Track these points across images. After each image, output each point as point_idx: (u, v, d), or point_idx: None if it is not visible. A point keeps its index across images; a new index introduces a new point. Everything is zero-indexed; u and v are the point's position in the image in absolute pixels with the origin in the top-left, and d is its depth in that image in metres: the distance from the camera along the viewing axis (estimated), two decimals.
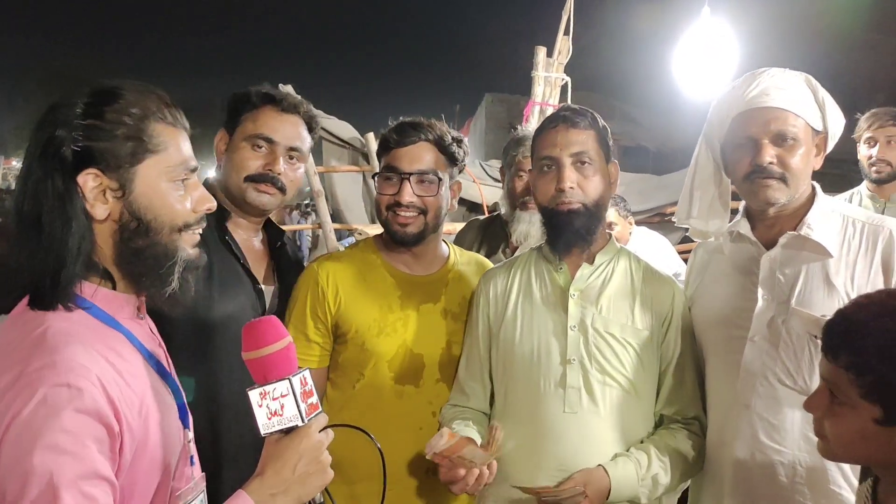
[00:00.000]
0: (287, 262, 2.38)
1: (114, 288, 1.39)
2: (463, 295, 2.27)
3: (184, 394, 1.55)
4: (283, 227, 2.50)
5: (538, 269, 2.12)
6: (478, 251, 3.02)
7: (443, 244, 2.36)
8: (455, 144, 2.21)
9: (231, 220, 2.24)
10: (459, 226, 5.41)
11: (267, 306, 2.20)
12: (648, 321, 2.03)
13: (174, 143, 1.41)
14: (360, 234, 4.94)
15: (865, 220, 1.94)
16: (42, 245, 1.31)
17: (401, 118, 2.24)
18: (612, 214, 4.59)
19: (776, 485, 1.89)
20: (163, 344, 1.58)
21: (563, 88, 5.78)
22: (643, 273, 2.09)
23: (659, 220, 5.83)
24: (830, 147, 2.02)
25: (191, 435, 1.53)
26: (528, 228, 2.86)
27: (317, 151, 5.70)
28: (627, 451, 1.96)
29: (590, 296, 2.03)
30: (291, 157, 2.23)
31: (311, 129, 2.31)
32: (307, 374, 1.44)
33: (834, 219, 1.94)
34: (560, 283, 2.06)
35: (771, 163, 1.89)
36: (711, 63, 4.20)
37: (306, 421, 1.40)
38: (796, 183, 1.92)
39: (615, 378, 1.98)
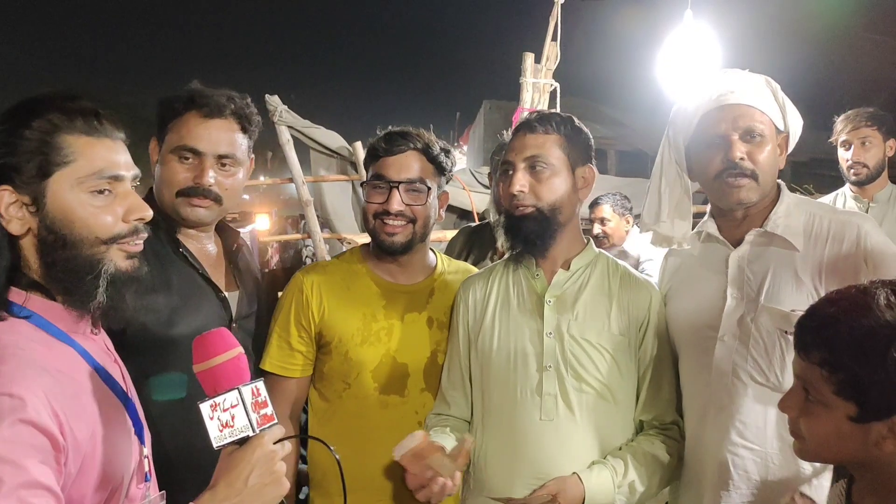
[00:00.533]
0: (246, 265, 2.31)
1: (81, 306, 1.39)
2: (449, 304, 2.26)
3: (140, 411, 1.54)
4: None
5: (515, 276, 2.11)
6: (466, 258, 3.03)
7: (430, 253, 2.35)
8: (443, 154, 2.21)
9: (180, 231, 2.15)
10: (450, 233, 5.44)
11: (234, 313, 2.14)
12: (625, 326, 2.01)
13: (87, 153, 1.37)
14: (350, 243, 4.95)
15: (832, 215, 1.94)
16: None
17: (389, 127, 2.23)
18: (606, 210, 4.57)
19: (751, 484, 1.88)
20: (119, 360, 1.56)
21: (552, 94, 5.79)
22: (620, 278, 2.08)
23: None
24: (791, 147, 2.02)
25: (146, 451, 1.51)
26: None
27: (305, 161, 5.72)
28: (605, 458, 1.95)
29: (566, 302, 2.02)
30: (224, 165, 2.09)
31: (245, 129, 2.15)
32: (260, 384, 1.42)
33: (799, 214, 1.94)
34: (536, 290, 2.05)
35: (742, 159, 1.89)
36: (694, 66, 4.20)
37: (257, 431, 1.37)
38: (766, 180, 1.92)
39: (591, 385, 1.96)
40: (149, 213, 1.44)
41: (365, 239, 4.82)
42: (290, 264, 8.07)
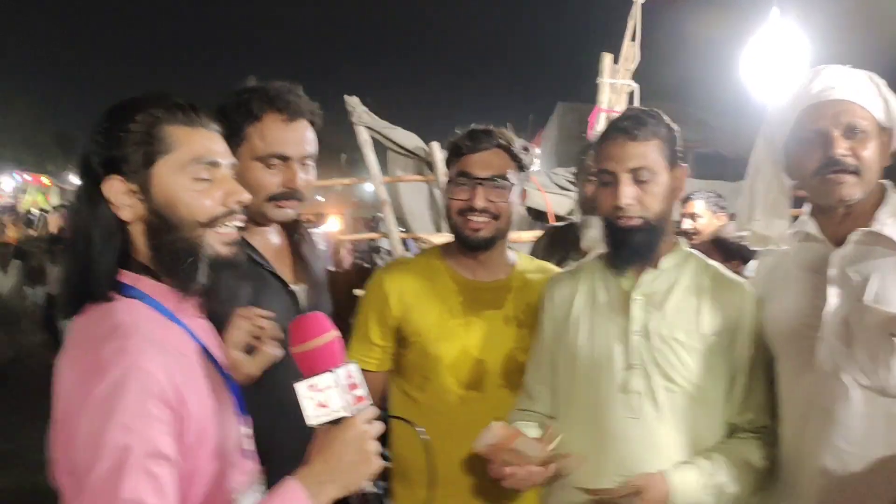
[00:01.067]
0: (310, 256, 2.29)
1: (184, 288, 1.48)
2: (528, 302, 2.25)
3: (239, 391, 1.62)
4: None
5: (602, 274, 2.10)
6: (550, 257, 3.03)
7: (510, 251, 2.35)
8: (523, 151, 2.22)
9: (246, 228, 2.06)
10: (525, 234, 5.44)
11: (303, 306, 2.14)
12: (717, 326, 1.97)
13: (187, 141, 1.47)
14: (426, 242, 5.00)
15: None
16: (81, 247, 1.44)
17: (472, 126, 2.24)
18: (698, 206, 4.46)
19: (855, 492, 1.81)
20: (220, 343, 1.65)
21: (631, 95, 5.73)
22: (712, 278, 2.04)
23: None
24: None
25: (244, 430, 1.59)
26: (598, 234, 2.85)
27: (382, 161, 5.80)
28: (692, 458, 1.92)
29: (654, 300, 1.99)
30: (305, 164, 2.10)
31: (314, 124, 2.13)
32: (353, 367, 1.47)
33: None
34: (624, 288, 2.03)
35: (844, 155, 1.82)
36: (782, 65, 4.09)
37: (351, 412, 1.43)
38: (870, 177, 1.85)
39: (680, 384, 1.93)
40: (246, 197, 1.52)
41: (440, 239, 4.88)
42: (364, 264, 8.23)
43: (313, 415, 1.43)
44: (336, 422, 1.43)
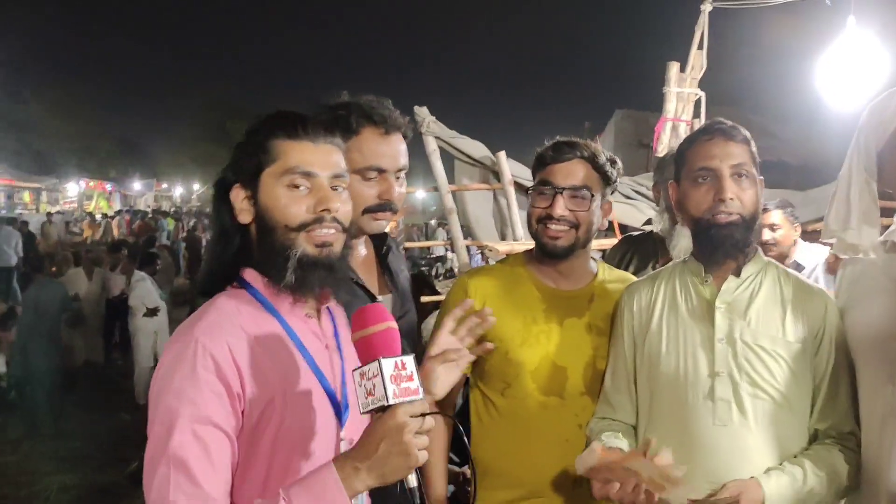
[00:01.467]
0: (396, 267, 2.40)
1: (276, 283, 1.61)
2: (608, 311, 2.28)
3: (349, 398, 1.68)
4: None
5: (683, 281, 2.12)
6: (627, 266, 3.04)
7: (591, 261, 2.38)
8: (609, 164, 2.24)
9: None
10: (606, 242, 5.43)
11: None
12: (800, 334, 1.99)
13: (288, 152, 1.63)
14: (491, 250, 5.04)
15: None
16: (212, 244, 1.71)
17: (557, 137, 2.28)
18: (776, 216, 4.42)
19: None
20: (335, 346, 1.74)
21: (697, 104, 5.69)
22: (793, 286, 2.05)
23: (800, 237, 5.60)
24: None
25: (343, 434, 1.64)
26: (689, 244, 2.85)
27: (449, 170, 5.86)
28: (780, 465, 1.93)
29: (737, 308, 2.01)
30: (399, 177, 2.22)
31: (406, 137, 2.26)
32: (408, 359, 1.47)
33: None
34: (706, 296, 2.05)
35: None
36: (858, 75, 4.02)
37: (391, 401, 1.41)
38: None
39: (766, 391, 1.95)
40: (333, 205, 1.63)
41: (504, 246, 4.91)
42: (419, 270, 8.27)
43: (363, 402, 1.45)
44: (381, 410, 1.43)
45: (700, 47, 5.57)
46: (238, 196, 1.65)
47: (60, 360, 8.28)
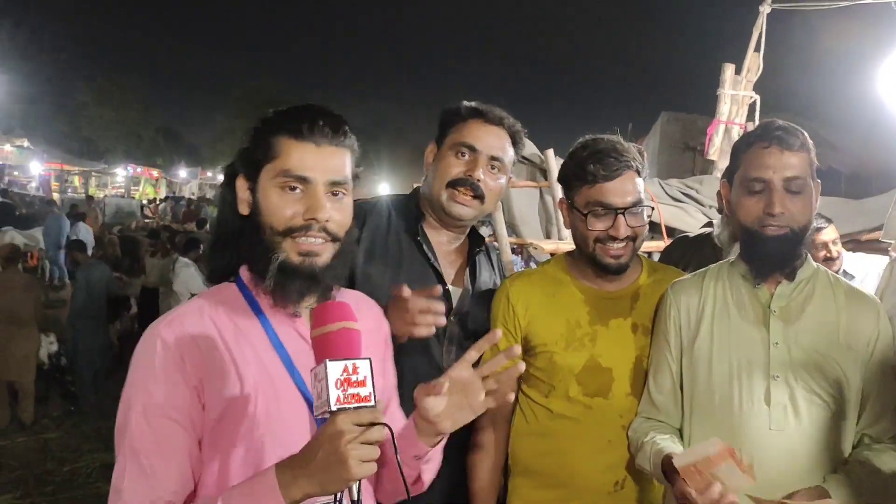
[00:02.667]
0: (484, 268, 2.45)
1: (258, 282, 1.59)
2: (653, 310, 2.26)
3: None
4: None
5: (733, 283, 2.10)
6: (685, 268, 3.00)
7: (636, 258, 2.35)
8: (643, 164, 2.21)
9: (427, 222, 2.38)
10: (650, 245, 5.36)
11: (454, 307, 2.30)
12: (853, 339, 1.97)
13: (288, 152, 1.56)
14: (535, 248, 5.00)
15: None
16: (217, 237, 1.68)
17: (588, 138, 2.23)
18: (832, 232, 4.32)
19: None
20: (309, 343, 1.60)
21: (751, 107, 5.60)
22: (845, 292, 2.03)
23: (853, 247, 5.47)
24: None
25: None
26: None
27: None
28: (834, 470, 1.91)
29: (792, 312, 2.00)
30: (493, 167, 2.31)
31: (514, 143, 2.37)
32: (362, 363, 1.36)
33: None
34: (759, 300, 2.03)
35: None
36: None
37: (333, 407, 1.32)
38: None
39: (821, 395, 1.94)
40: (322, 214, 1.56)
41: (549, 245, 4.87)
42: None
43: (315, 405, 1.36)
44: (330, 415, 1.34)
45: (757, 49, 5.47)
46: (241, 186, 1.63)
47: (107, 339, 8.47)
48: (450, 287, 2.32)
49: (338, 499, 1.40)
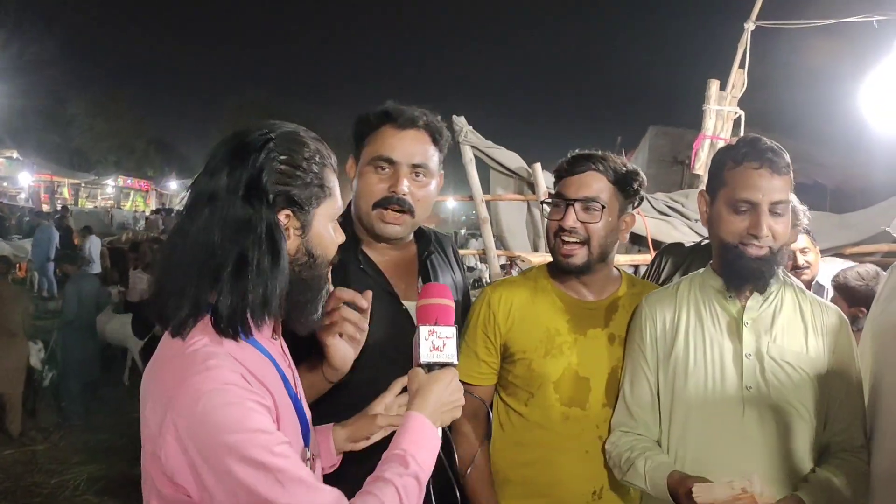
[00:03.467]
0: (436, 270, 2.34)
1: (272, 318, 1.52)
2: (631, 322, 2.29)
3: (307, 415, 1.65)
4: None
5: (706, 296, 2.14)
6: (686, 272, 3.00)
7: (615, 271, 2.39)
8: (629, 177, 2.21)
9: (365, 243, 2.23)
10: (623, 258, 5.42)
11: (416, 321, 2.12)
12: (820, 350, 2.03)
13: (337, 187, 1.60)
14: (524, 261, 5.05)
15: None
16: (249, 280, 1.41)
17: (576, 150, 2.28)
18: (803, 240, 4.36)
19: None
20: (293, 365, 1.68)
21: (736, 122, 5.67)
22: (811, 303, 2.10)
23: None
24: None
25: (309, 454, 1.60)
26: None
27: (484, 180, 5.89)
28: (805, 479, 1.95)
29: (763, 324, 2.05)
30: (417, 174, 2.17)
31: (436, 140, 2.22)
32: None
33: None
34: (732, 312, 2.08)
35: None
36: None
37: (455, 361, 1.74)
38: None
39: (793, 405, 1.99)
40: (344, 237, 1.67)
41: (537, 257, 4.92)
42: None
43: (427, 354, 1.72)
44: (441, 367, 1.72)
45: (741, 66, 5.55)
46: (284, 224, 1.55)
47: (97, 352, 8.45)
48: (405, 304, 2.19)
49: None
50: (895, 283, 2.16)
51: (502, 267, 6.10)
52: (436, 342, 1.73)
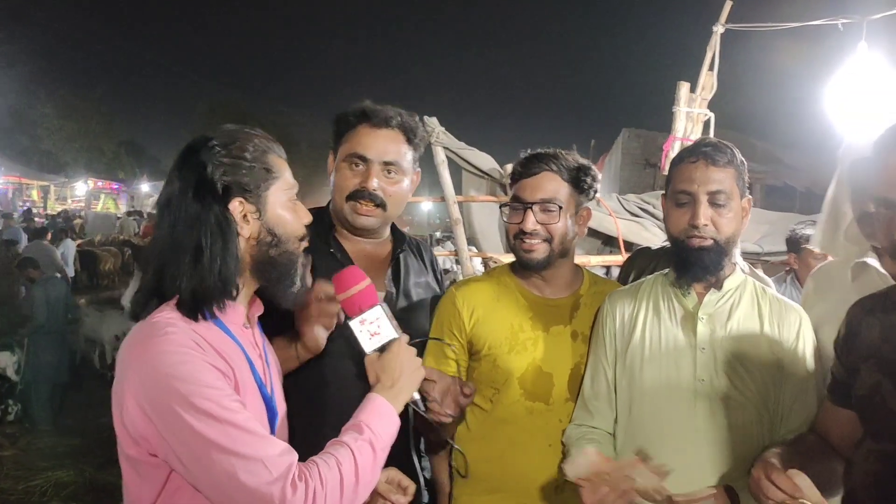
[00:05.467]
0: (408, 267, 2.45)
1: (233, 299, 1.66)
2: (593, 320, 2.33)
3: (278, 404, 1.77)
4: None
5: (665, 292, 2.19)
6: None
7: (577, 269, 2.44)
8: (581, 172, 2.28)
9: (339, 232, 2.35)
10: (593, 258, 5.45)
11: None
12: (776, 346, 2.07)
13: (285, 170, 1.73)
14: (496, 262, 5.06)
15: None
16: (205, 266, 1.59)
17: (528, 150, 2.33)
18: None
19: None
20: (263, 355, 1.79)
21: (706, 125, 5.72)
22: (769, 301, 2.14)
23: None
24: None
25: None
26: None
27: (456, 181, 5.90)
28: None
29: (718, 319, 2.09)
30: (389, 172, 2.28)
31: (410, 140, 2.33)
32: (385, 305, 1.84)
33: None
34: (688, 307, 2.13)
35: None
36: (869, 101, 4.04)
37: (399, 335, 1.81)
38: None
39: (746, 399, 2.02)
40: (310, 217, 1.81)
41: (510, 258, 4.92)
42: None
43: (369, 343, 1.79)
44: (386, 346, 1.79)
45: (711, 68, 5.60)
46: (239, 211, 1.68)
47: (66, 356, 8.33)
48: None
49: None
50: (818, 291, 2.23)
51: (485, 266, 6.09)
52: (370, 328, 1.80)
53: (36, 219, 21.06)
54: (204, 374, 1.48)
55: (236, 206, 1.63)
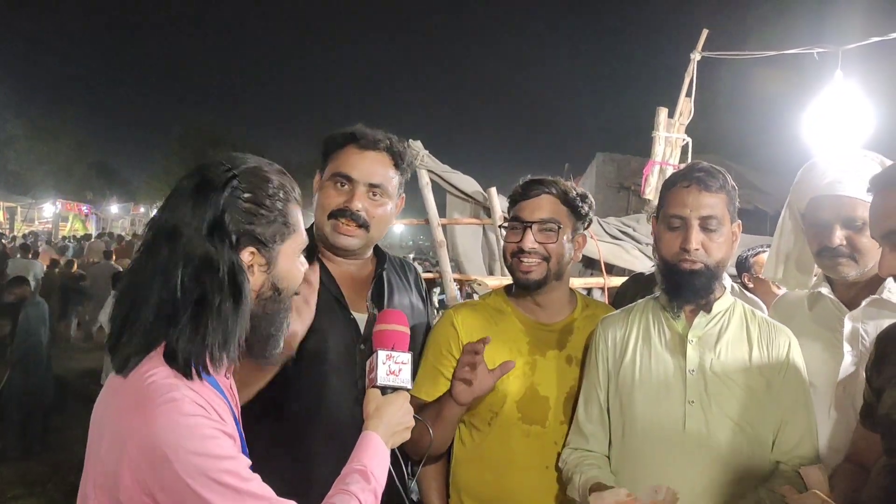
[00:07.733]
0: (392, 285, 2.43)
1: (235, 362, 1.54)
2: (586, 343, 2.37)
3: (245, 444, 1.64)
4: None
5: (656, 316, 2.22)
6: None
7: (571, 293, 2.47)
8: (579, 199, 2.33)
9: (322, 252, 2.32)
10: (577, 280, 5.50)
11: (362, 334, 2.25)
12: (765, 368, 2.09)
13: (301, 221, 1.62)
14: (479, 284, 5.09)
15: None
16: (209, 327, 1.41)
17: (529, 176, 2.37)
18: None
19: None
20: (237, 399, 1.69)
21: (684, 149, 5.82)
22: (759, 324, 2.17)
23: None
24: None
25: None
26: None
27: (440, 204, 5.93)
28: (752, 495, 1.99)
29: (708, 342, 2.12)
30: (374, 194, 2.27)
31: (397, 164, 2.33)
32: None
33: None
34: (678, 330, 2.15)
35: (841, 244, 2.12)
36: (844, 129, 4.16)
37: (410, 387, 1.86)
38: (865, 261, 2.11)
39: (736, 422, 2.04)
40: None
41: (493, 281, 4.95)
42: None
43: (384, 377, 1.82)
44: (394, 390, 1.82)
45: (688, 94, 5.71)
46: (248, 262, 1.57)
47: (44, 382, 8.12)
48: (354, 315, 2.27)
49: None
50: (780, 320, 2.29)
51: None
52: (392, 367, 1.82)
53: (2, 240, 20.61)
54: (218, 445, 1.36)
55: (247, 255, 1.50)
